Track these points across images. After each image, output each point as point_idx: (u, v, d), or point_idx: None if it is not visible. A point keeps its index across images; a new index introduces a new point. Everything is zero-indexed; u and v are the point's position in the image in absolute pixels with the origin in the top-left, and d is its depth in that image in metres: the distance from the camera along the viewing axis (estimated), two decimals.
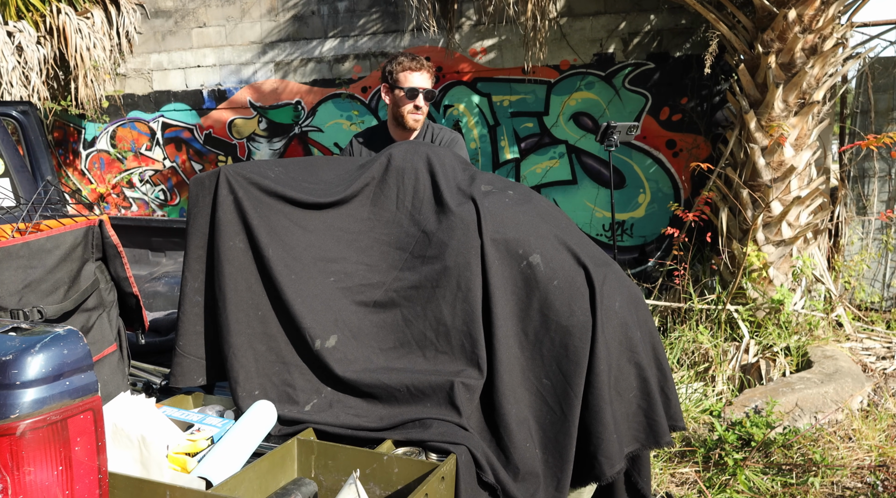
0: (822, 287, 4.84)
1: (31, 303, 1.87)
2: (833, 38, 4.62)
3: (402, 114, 2.96)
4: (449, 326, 1.96)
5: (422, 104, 2.94)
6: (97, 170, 7.67)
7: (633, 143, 5.80)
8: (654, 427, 2.02)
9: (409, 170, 2.21)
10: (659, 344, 2.12)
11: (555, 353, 1.93)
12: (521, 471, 1.83)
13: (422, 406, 1.87)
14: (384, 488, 1.67)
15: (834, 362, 4.05)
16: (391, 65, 2.98)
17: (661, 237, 5.73)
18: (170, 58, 7.16)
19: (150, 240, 3.55)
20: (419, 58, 2.97)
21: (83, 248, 2.04)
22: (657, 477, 3.29)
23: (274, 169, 2.15)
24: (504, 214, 2.09)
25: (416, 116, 2.96)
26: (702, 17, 5.01)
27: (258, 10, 6.75)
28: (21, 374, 1.20)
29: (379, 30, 6.42)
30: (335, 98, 6.64)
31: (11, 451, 1.19)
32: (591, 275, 1.99)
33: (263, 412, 1.86)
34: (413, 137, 3.03)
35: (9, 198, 3.23)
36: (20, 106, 3.67)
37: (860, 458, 3.40)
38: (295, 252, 2.02)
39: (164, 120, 7.29)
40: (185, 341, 2.03)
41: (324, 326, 1.96)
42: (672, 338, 4.47)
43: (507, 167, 6.20)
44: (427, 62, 2.99)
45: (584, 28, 5.85)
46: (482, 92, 6.18)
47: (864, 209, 5.25)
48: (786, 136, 4.60)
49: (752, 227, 4.65)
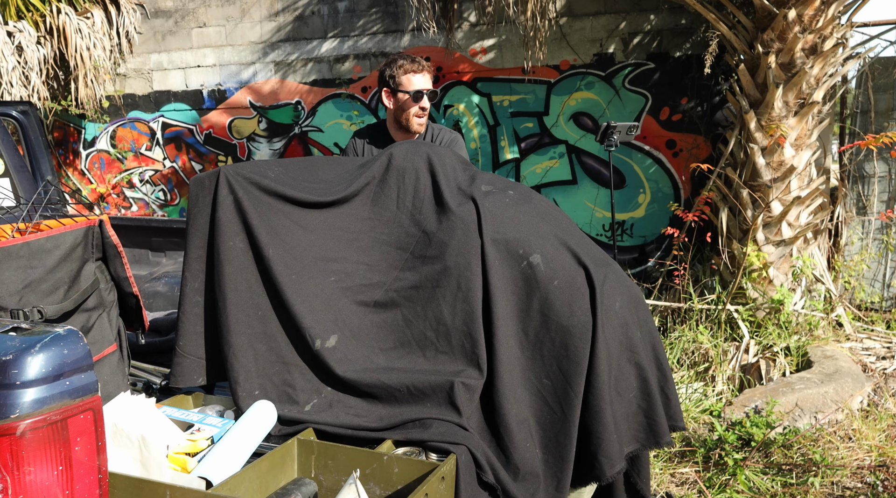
0: (822, 287, 4.84)
1: (31, 303, 1.87)
2: (833, 38, 4.62)
3: (409, 117, 2.92)
4: (449, 326, 1.96)
5: (427, 106, 2.92)
6: (97, 170, 7.67)
7: (633, 143, 5.81)
8: (654, 427, 2.02)
9: (410, 169, 2.21)
10: (659, 344, 2.12)
11: (555, 353, 1.93)
12: (521, 471, 1.83)
13: (422, 406, 1.87)
14: (384, 488, 1.67)
15: (834, 362, 4.05)
16: (391, 68, 2.93)
17: (661, 237, 5.73)
18: (170, 58, 7.16)
19: (150, 240, 3.55)
20: (418, 59, 2.94)
21: (83, 248, 2.04)
22: (657, 477, 3.29)
23: (274, 169, 2.14)
24: (504, 214, 2.09)
25: (422, 120, 2.94)
26: (702, 17, 5.01)
27: (258, 10, 6.75)
28: (21, 374, 1.20)
29: (379, 30, 6.42)
30: (335, 98, 6.64)
31: (11, 451, 1.19)
32: (592, 275, 1.99)
33: (263, 412, 1.86)
34: (414, 138, 3.02)
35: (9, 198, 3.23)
36: (20, 106, 3.67)
37: (860, 458, 3.40)
38: (295, 252, 2.02)
39: (164, 120, 7.29)
40: (185, 341, 2.03)
41: (324, 325, 1.96)
42: (672, 338, 4.47)
43: (507, 167, 6.20)
44: (426, 62, 2.97)
45: (584, 28, 5.85)
46: (482, 92, 6.18)
47: (864, 209, 5.25)
48: (785, 136, 4.60)
49: (752, 227, 4.65)
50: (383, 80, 2.96)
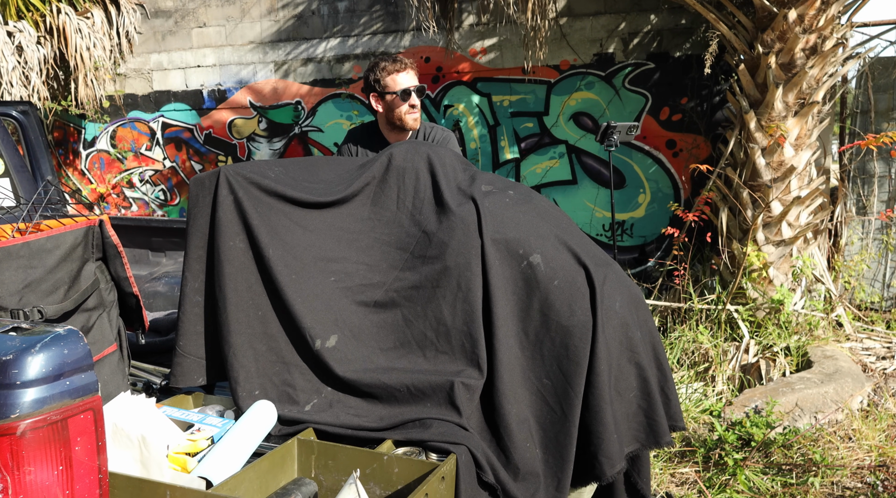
0: (822, 287, 4.84)
1: (31, 303, 1.87)
2: (833, 38, 4.62)
3: (401, 116, 2.91)
4: (449, 326, 1.96)
5: (416, 102, 2.92)
6: (97, 170, 7.67)
7: (633, 143, 5.81)
8: (654, 427, 2.02)
9: (410, 170, 2.21)
10: (659, 344, 2.12)
11: (555, 353, 1.93)
12: (521, 471, 1.83)
13: (422, 406, 1.87)
14: (384, 488, 1.67)
15: (834, 362, 4.05)
16: (374, 73, 2.92)
17: (661, 237, 5.73)
18: (170, 58, 7.16)
19: (150, 240, 3.55)
20: (399, 58, 2.92)
21: (83, 248, 2.04)
22: (657, 477, 3.29)
23: (274, 169, 2.14)
24: (504, 214, 2.09)
25: (415, 115, 2.93)
26: (702, 17, 5.01)
27: (258, 10, 6.75)
28: (21, 373, 1.20)
29: (379, 30, 6.42)
30: (335, 98, 6.64)
31: (12, 450, 1.19)
32: (592, 275, 1.99)
33: (263, 412, 1.86)
34: (408, 137, 3.01)
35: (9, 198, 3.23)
36: (20, 106, 3.67)
37: (860, 458, 3.40)
38: (295, 252, 2.02)
39: (164, 120, 7.29)
40: (185, 341, 2.03)
41: (324, 325, 1.96)
42: (672, 338, 4.47)
43: (507, 167, 6.20)
44: (408, 60, 2.94)
45: (584, 28, 5.85)
46: (482, 92, 6.18)
47: (864, 209, 5.25)
48: (785, 136, 4.60)
49: (752, 227, 4.65)
50: (368, 85, 2.95)
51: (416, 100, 2.91)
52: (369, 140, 3.04)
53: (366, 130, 3.10)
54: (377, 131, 3.05)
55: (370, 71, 2.95)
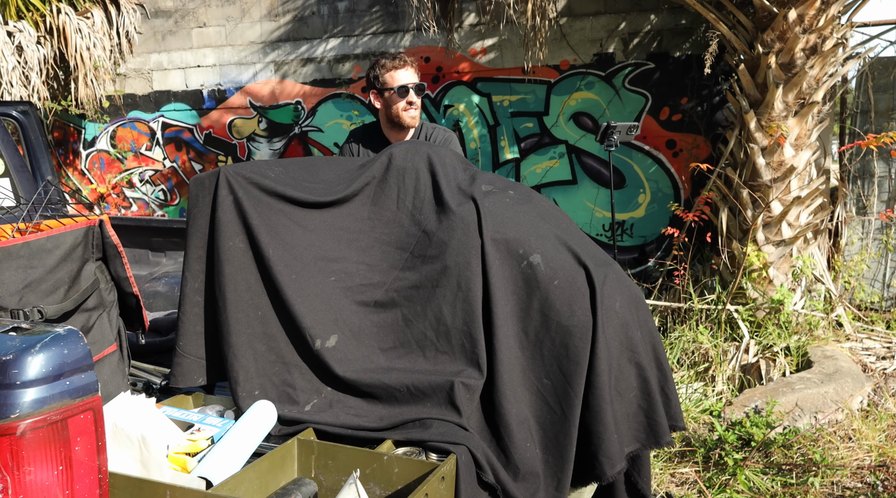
0: (822, 287, 4.84)
1: (31, 303, 1.87)
2: (833, 39, 4.62)
3: (398, 113, 2.93)
4: (449, 326, 1.96)
5: (414, 99, 2.92)
6: (97, 170, 7.67)
7: (633, 143, 5.80)
8: (654, 427, 2.02)
9: (410, 169, 2.21)
10: (659, 344, 2.12)
11: (555, 352, 1.93)
12: (521, 471, 1.83)
13: (422, 406, 1.87)
14: (384, 488, 1.67)
15: (834, 362, 4.05)
16: (374, 70, 2.95)
17: (661, 237, 5.74)
18: (170, 58, 7.16)
19: (150, 240, 3.55)
20: (400, 55, 2.95)
21: (83, 248, 2.04)
22: (657, 477, 3.29)
23: (274, 169, 2.14)
24: (504, 214, 2.09)
25: (412, 112, 2.94)
26: (702, 17, 5.01)
27: (258, 10, 6.75)
28: (21, 373, 1.20)
29: (379, 30, 6.42)
30: (335, 98, 6.64)
31: (11, 450, 1.19)
32: (592, 275, 1.99)
33: (263, 412, 1.86)
34: (408, 137, 3.02)
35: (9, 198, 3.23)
36: (20, 106, 3.67)
37: (860, 458, 3.40)
38: (295, 252, 2.02)
39: (164, 120, 7.29)
40: (185, 341, 2.03)
41: (324, 325, 1.96)
42: (672, 338, 4.47)
43: (507, 167, 6.20)
44: (409, 58, 2.96)
45: (584, 28, 5.85)
46: (482, 92, 6.18)
47: (864, 209, 5.25)
48: (785, 136, 4.60)
49: (752, 227, 4.65)
50: (369, 83, 2.98)
51: (415, 97, 2.91)
52: (371, 140, 3.05)
53: (367, 130, 3.11)
54: (379, 131, 3.06)
55: (371, 69, 2.98)
